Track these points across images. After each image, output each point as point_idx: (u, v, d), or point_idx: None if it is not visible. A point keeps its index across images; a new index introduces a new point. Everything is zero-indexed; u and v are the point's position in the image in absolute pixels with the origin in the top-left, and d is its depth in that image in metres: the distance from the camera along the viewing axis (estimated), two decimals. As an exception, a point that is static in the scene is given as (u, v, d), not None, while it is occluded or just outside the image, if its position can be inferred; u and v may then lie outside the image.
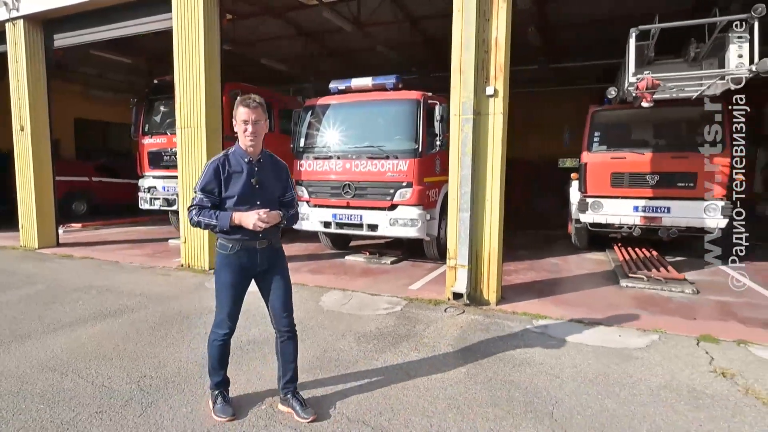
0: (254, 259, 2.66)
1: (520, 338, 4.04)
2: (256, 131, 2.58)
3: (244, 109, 2.55)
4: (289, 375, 2.82)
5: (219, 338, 2.73)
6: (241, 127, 2.58)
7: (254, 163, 2.63)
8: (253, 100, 2.56)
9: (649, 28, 5.44)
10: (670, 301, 5.24)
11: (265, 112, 2.62)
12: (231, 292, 2.67)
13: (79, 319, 4.54)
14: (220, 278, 2.69)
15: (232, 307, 2.70)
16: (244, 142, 2.60)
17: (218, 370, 2.79)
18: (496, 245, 4.90)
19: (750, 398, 3.00)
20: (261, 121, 2.58)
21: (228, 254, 2.63)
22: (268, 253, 2.69)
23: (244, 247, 2.62)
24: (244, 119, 2.55)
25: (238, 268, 2.65)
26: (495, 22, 4.69)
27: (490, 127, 4.80)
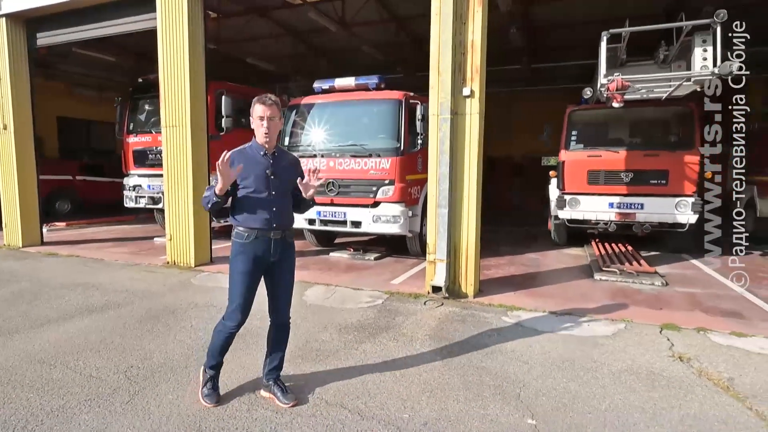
0: (268, 249, 2.76)
1: (494, 328, 4.23)
2: (271, 127, 2.72)
3: (260, 107, 2.69)
4: (275, 363, 2.95)
5: (226, 330, 2.82)
6: (258, 123, 2.71)
7: (269, 156, 2.77)
8: (269, 98, 2.70)
9: (620, 32, 5.66)
10: (639, 293, 5.49)
11: (280, 109, 2.78)
12: (245, 280, 2.74)
13: (66, 314, 4.62)
14: (234, 267, 2.77)
15: (244, 296, 2.76)
16: (260, 138, 2.74)
17: (216, 355, 2.90)
18: (474, 240, 5.09)
19: (703, 379, 3.22)
20: (276, 117, 2.73)
21: (244, 243, 2.73)
22: (281, 244, 2.80)
23: (259, 236, 2.73)
24: (260, 116, 2.69)
25: (253, 256, 2.73)
26: (471, 25, 4.87)
27: (467, 126, 4.98)
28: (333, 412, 2.77)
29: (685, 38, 5.60)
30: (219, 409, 2.80)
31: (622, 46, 5.97)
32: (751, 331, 4.13)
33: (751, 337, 4.01)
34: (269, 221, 2.73)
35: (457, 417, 2.75)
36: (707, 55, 5.39)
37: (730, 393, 3.04)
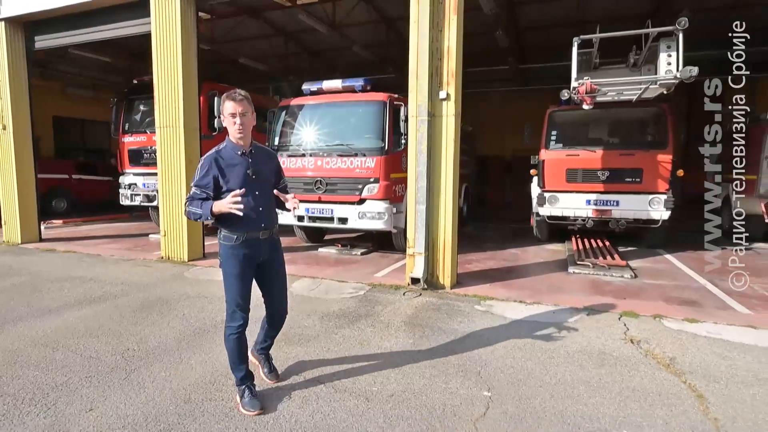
0: (257, 250, 2.76)
1: (466, 316, 4.55)
2: (244, 123, 2.64)
3: (230, 103, 2.61)
4: (267, 343, 3.14)
5: (234, 331, 2.77)
6: (230, 121, 2.63)
7: (248, 154, 2.71)
8: (238, 94, 2.62)
9: (591, 38, 5.98)
10: (608, 285, 5.82)
11: (251, 104, 2.68)
12: (238, 281, 2.73)
13: (65, 304, 4.91)
14: (226, 270, 2.75)
15: (241, 296, 2.75)
16: (234, 135, 2.67)
17: (239, 364, 2.82)
18: (450, 235, 5.41)
19: (648, 359, 3.55)
20: (248, 113, 2.65)
21: (233, 245, 2.71)
22: (269, 243, 2.82)
23: (248, 238, 2.71)
24: (232, 112, 2.61)
25: (244, 258, 2.72)
26: (447, 32, 5.18)
27: (443, 127, 5.30)
28: (310, 386, 3.09)
29: (653, 43, 5.92)
30: (206, 383, 3.11)
31: (594, 51, 6.29)
32: (703, 318, 4.47)
33: (702, 323, 4.34)
34: (256, 222, 2.71)
35: (421, 390, 3.06)
36: (671, 59, 5.72)
37: (670, 370, 3.37)
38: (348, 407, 2.83)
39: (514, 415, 2.76)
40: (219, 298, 5.14)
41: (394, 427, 2.63)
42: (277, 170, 2.94)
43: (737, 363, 3.48)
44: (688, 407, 2.85)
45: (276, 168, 2.94)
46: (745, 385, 3.14)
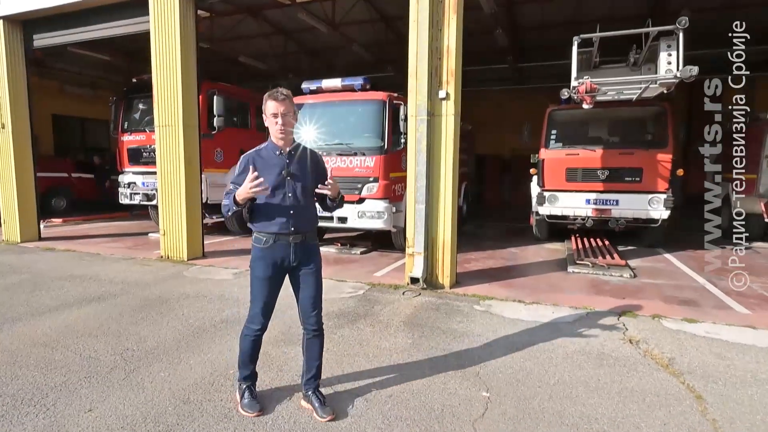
0: (287, 254, 2.65)
1: (465, 315, 4.55)
2: (287, 124, 2.57)
3: (272, 103, 2.54)
4: (312, 372, 2.82)
5: (251, 333, 2.74)
6: (272, 121, 2.57)
7: (285, 155, 2.64)
8: (280, 93, 2.53)
9: (591, 37, 5.97)
10: (607, 284, 5.82)
11: (293, 104, 2.61)
12: (264, 285, 2.67)
13: (65, 303, 4.91)
14: (254, 272, 2.70)
15: (265, 301, 2.69)
16: (275, 136, 2.61)
17: (248, 364, 2.81)
18: (450, 234, 5.41)
19: (647, 359, 3.56)
20: (290, 113, 2.58)
21: (262, 248, 2.65)
22: (302, 248, 2.69)
23: (278, 241, 2.63)
24: (274, 112, 2.55)
25: (272, 261, 2.65)
26: (447, 31, 5.17)
27: (443, 127, 5.29)
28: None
29: (653, 42, 5.91)
30: (205, 384, 3.11)
31: (594, 50, 6.28)
32: (702, 317, 4.47)
33: (701, 323, 4.35)
34: (287, 225, 2.61)
35: (420, 390, 3.07)
36: (671, 59, 5.71)
37: (669, 370, 3.38)
38: (347, 408, 2.83)
39: (512, 416, 2.76)
40: (218, 297, 5.15)
41: (392, 427, 2.64)
42: (320, 173, 2.75)
43: (735, 363, 3.48)
44: (686, 408, 2.86)
45: (319, 171, 2.75)
46: (743, 385, 3.15)
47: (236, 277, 6.08)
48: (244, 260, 7.03)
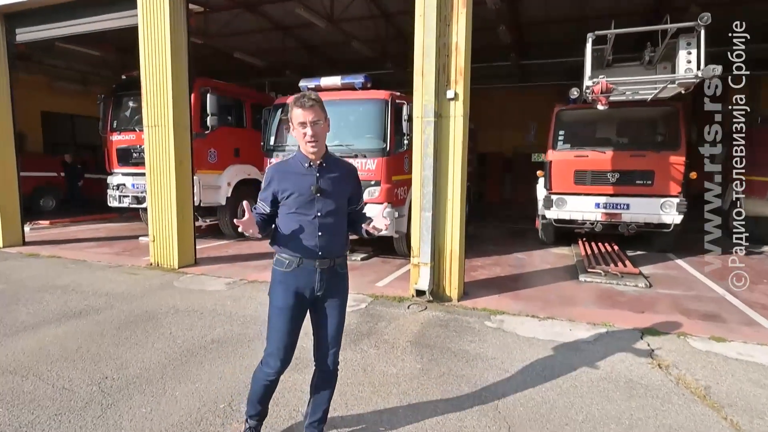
0: (312, 281, 2.29)
1: (476, 334, 4.22)
2: (317, 133, 2.21)
3: (299, 111, 2.20)
4: (318, 415, 2.49)
5: (265, 377, 2.37)
6: (299, 132, 2.23)
7: (315, 167, 2.29)
8: (308, 99, 2.20)
9: (605, 34, 5.64)
10: (623, 295, 5.51)
11: (324, 109, 2.26)
12: (284, 317, 2.30)
13: (43, 320, 4.54)
14: (273, 300, 2.36)
15: (284, 338, 2.31)
16: (305, 148, 2.26)
17: (256, 403, 2.48)
18: (458, 244, 5.07)
19: (680, 388, 3.23)
20: (321, 121, 2.22)
21: (284, 272, 2.31)
22: (328, 275, 2.32)
23: (302, 265, 2.28)
24: (301, 121, 2.20)
25: (294, 289, 2.30)
26: (455, 27, 4.82)
27: (451, 129, 4.94)
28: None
29: (671, 40, 5.59)
30: (192, 422, 2.76)
31: (608, 48, 5.95)
32: (730, 336, 4.16)
33: (730, 342, 4.04)
34: (314, 248, 2.27)
35: (434, 428, 2.73)
36: (691, 57, 5.39)
37: (707, 402, 3.06)
38: (352, 453, 2.50)
39: (541, 463, 2.44)
40: (210, 312, 4.80)
41: (405, 479, 2.30)
42: (353, 189, 2.44)
43: (778, 393, 3.17)
44: (735, 452, 2.54)
45: (352, 186, 2.43)
46: (792, 421, 2.83)
47: (230, 288, 5.72)
48: (238, 268, 6.68)
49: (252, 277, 6.12)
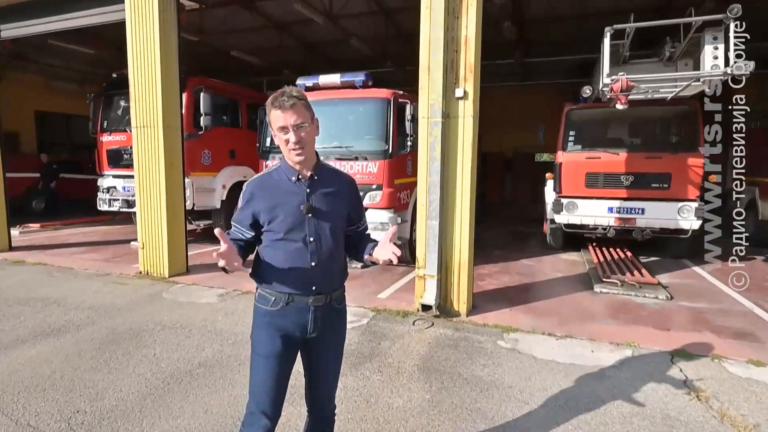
0: (304, 321, 1.89)
1: (490, 356, 3.85)
2: (303, 138, 1.80)
3: (277, 113, 1.78)
4: None
5: None
6: (280, 138, 1.82)
7: (305, 181, 1.88)
8: (288, 97, 1.77)
9: (624, 28, 5.26)
10: (643, 309, 5.14)
11: (309, 108, 1.84)
12: (270, 366, 1.88)
13: (18, 339, 4.17)
14: (255, 345, 1.93)
15: (270, 390, 1.89)
16: (289, 157, 1.86)
17: None
18: (467, 255, 4.70)
19: (726, 426, 2.86)
20: (306, 123, 1.80)
21: (269, 310, 1.89)
22: (323, 313, 1.92)
23: (292, 303, 1.87)
24: (281, 126, 1.79)
25: (282, 332, 1.88)
26: (465, 20, 4.44)
27: (459, 130, 4.57)
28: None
29: (694, 34, 5.20)
30: (170, 473, 2.40)
31: (626, 43, 5.57)
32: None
33: (770, 366, 3.67)
34: (306, 282, 1.87)
35: (448, 481, 2.37)
36: (718, 53, 5.01)
37: (757, 443, 2.69)
38: None
39: None
40: (199, 329, 4.43)
41: None
42: (352, 204, 2.01)
43: (837, 432, 2.80)
44: None
45: (351, 202, 2.00)
46: None
47: (222, 300, 5.35)
48: (233, 276, 6.27)
49: (247, 288, 5.74)
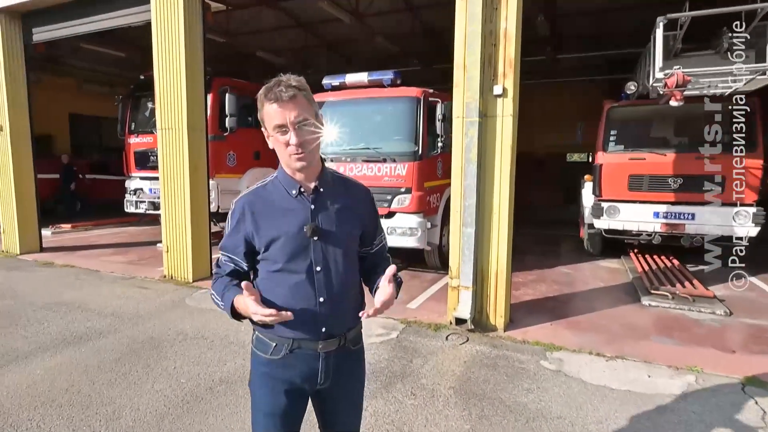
0: (312, 372, 1.52)
1: (533, 379, 3.50)
2: (306, 140, 1.41)
3: (273, 107, 1.40)
4: None
5: None
6: (277, 141, 1.44)
7: (309, 195, 1.50)
8: (285, 87, 1.38)
9: (679, 17, 4.81)
10: (700, 326, 4.68)
11: (312, 101, 1.45)
12: (272, 425, 1.55)
13: (39, 347, 4.06)
14: (255, 399, 1.59)
15: None
16: (288, 163, 1.47)
17: None
18: (504, 264, 4.36)
19: (817, 472, 2.46)
20: (310, 119, 1.42)
21: (269, 359, 1.52)
22: (337, 360, 1.54)
23: (297, 350, 1.50)
24: (278, 124, 1.40)
25: (287, 385, 1.52)
26: (504, 11, 4.10)
27: (498, 131, 4.24)
28: None
29: (760, 23, 4.71)
30: None
31: (680, 34, 5.10)
32: None
33: None
34: (315, 323, 1.47)
35: None
36: (788, 43, 4.51)
37: None
38: None
39: None
40: (221, 339, 4.23)
41: None
42: (367, 221, 1.62)
43: None
44: None
45: (366, 217, 1.62)
46: None
47: (245, 308, 5.16)
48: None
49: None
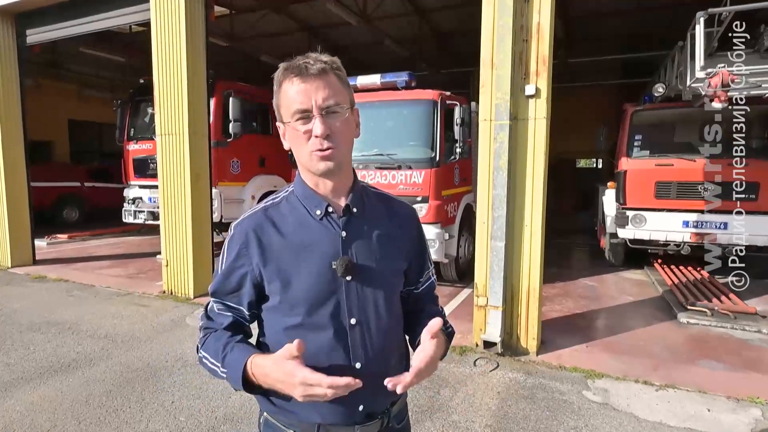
0: None
1: (579, 414, 3.09)
2: (337, 131, 1.03)
3: (295, 85, 1.03)
4: None
5: None
6: (295, 133, 1.05)
7: (337, 218, 1.10)
8: (314, 60, 1.05)
9: (720, 12, 4.44)
10: (748, 347, 4.27)
11: (348, 86, 1.11)
12: None
13: (21, 377, 3.66)
14: None
15: None
16: (309, 164, 1.06)
17: None
18: (537, 281, 3.96)
19: None
20: (344, 106, 1.05)
21: None
22: None
23: None
24: (300, 108, 1.02)
25: None
26: (537, 3, 3.73)
27: (530, 135, 3.84)
28: None
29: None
30: None
31: (720, 30, 4.74)
32: None
33: None
34: (349, 401, 1.02)
35: None
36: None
37: None
38: None
39: None
40: (224, 367, 3.81)
41: None
42: (415, 252, 1.23)
43: None
44: None
45: (412, 248, 1.22)
46: None
47: (251, 328, 4.75)
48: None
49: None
